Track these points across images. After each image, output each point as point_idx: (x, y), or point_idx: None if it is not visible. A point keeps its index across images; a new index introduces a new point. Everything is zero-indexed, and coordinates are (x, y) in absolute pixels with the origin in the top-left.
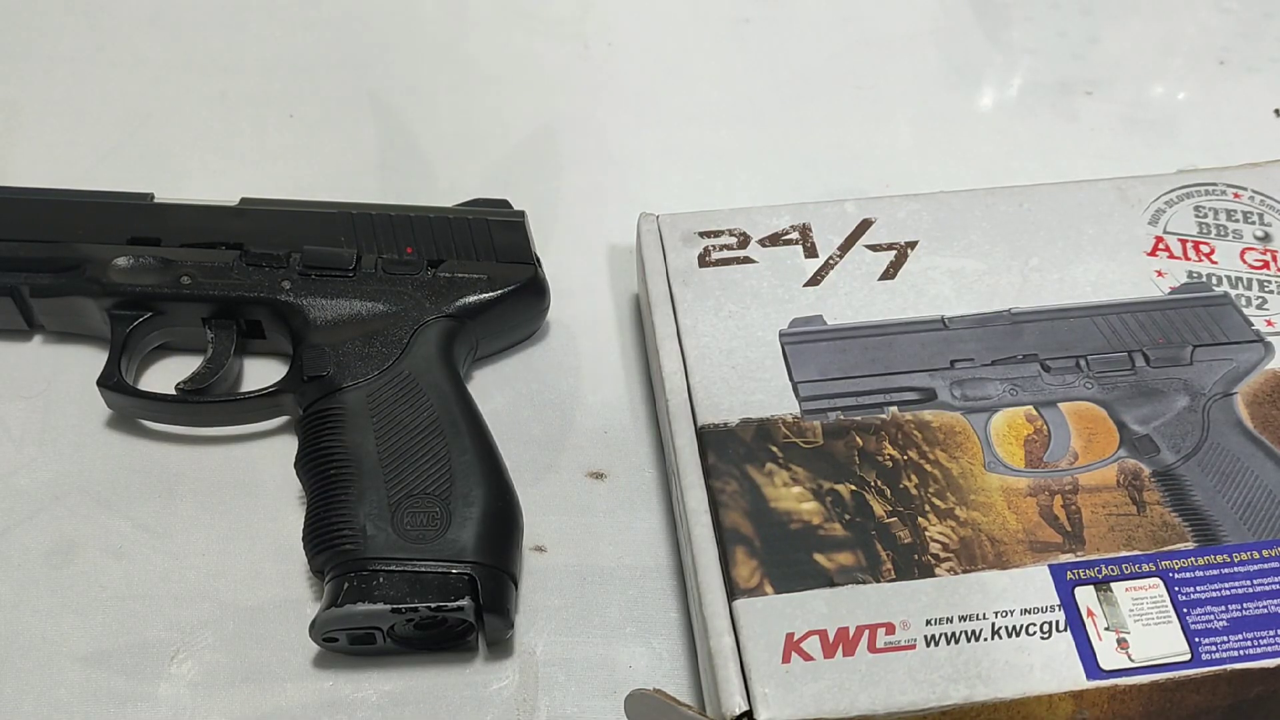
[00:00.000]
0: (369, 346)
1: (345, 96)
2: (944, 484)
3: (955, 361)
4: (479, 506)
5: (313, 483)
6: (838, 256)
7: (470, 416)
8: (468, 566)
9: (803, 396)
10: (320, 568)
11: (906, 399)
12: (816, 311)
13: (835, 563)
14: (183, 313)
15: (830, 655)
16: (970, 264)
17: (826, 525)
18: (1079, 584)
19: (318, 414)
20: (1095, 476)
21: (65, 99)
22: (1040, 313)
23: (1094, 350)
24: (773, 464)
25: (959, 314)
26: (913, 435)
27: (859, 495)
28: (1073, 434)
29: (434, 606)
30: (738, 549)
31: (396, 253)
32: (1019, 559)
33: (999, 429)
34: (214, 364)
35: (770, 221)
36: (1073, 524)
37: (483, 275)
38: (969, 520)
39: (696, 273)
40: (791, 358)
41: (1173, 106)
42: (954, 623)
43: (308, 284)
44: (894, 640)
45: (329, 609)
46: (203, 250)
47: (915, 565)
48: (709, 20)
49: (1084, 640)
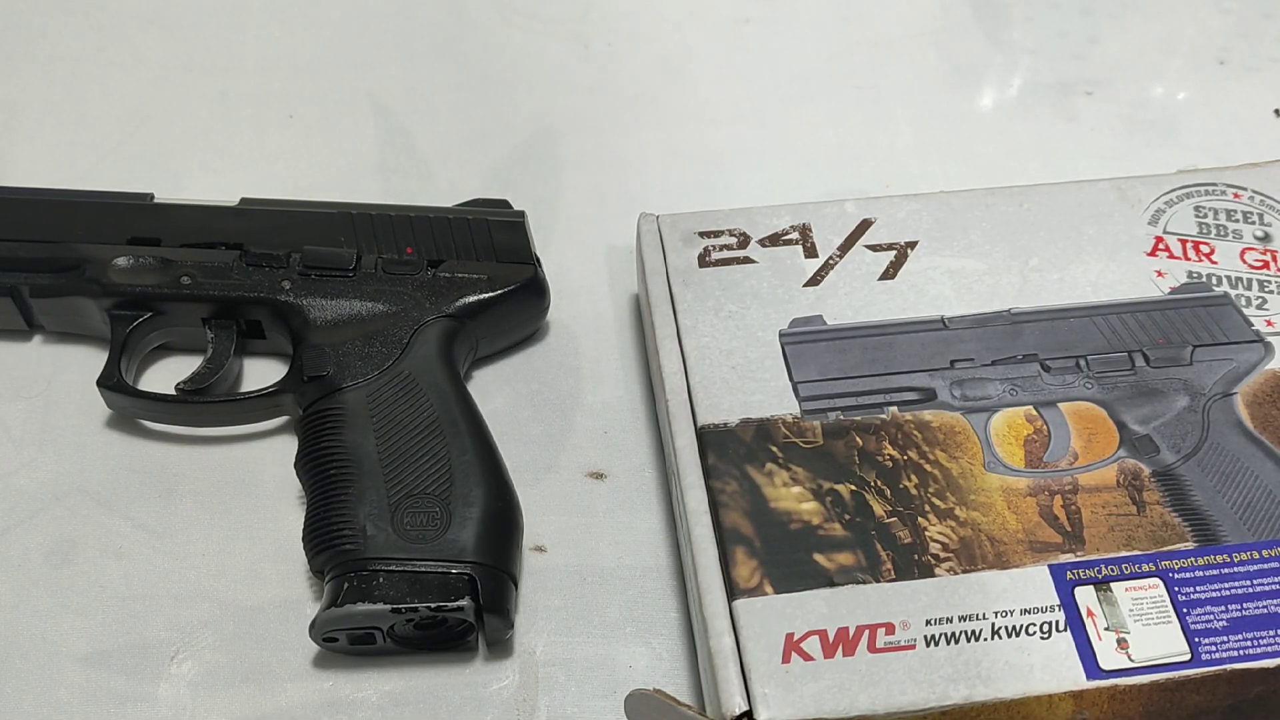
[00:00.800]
0: (369, 346)
1: (345, 96)
2: (944, 484)
3: (955, 361)
4: (479, 506)
5: (313, 483)
6: (838, 256)
7: (470, 416)
8: (467, 566)
9: (803, 396)
10: (320, 568)
11: (906, 399)
12: (816, 311)
13: (835, 563)
14: (183, 313)
15: (830, 655)
16: (970, 264)
17: (826, 525)
18: (1079, 584)
19: (318, 414)
20: (1095, 476)
21: (65, 99)
22: (1040, 313)
23: (1094, 350)
24: (773, 464)
25: (959, 314)
26: (913, 435)
27: (859, 495)
28: (1073, 434)
29: (434, 606)
30: (738, 549)
31: (396, 253)
32: (1019, 559)
33: (999, 429)
34: (214, 364)
35: (770, 221)
36: (1073, 524)
37: (483, 275)
38: (969, 520)
39: (696, 273)
40: (791, 358)
41: (1173, 106)
42: (954, 623)
43: (308, 284)
44: (894, 640)
45: (329, 609)
46: (203, 250)
47: (915, 565)
48: (709, 20)
49: (1084, 640)
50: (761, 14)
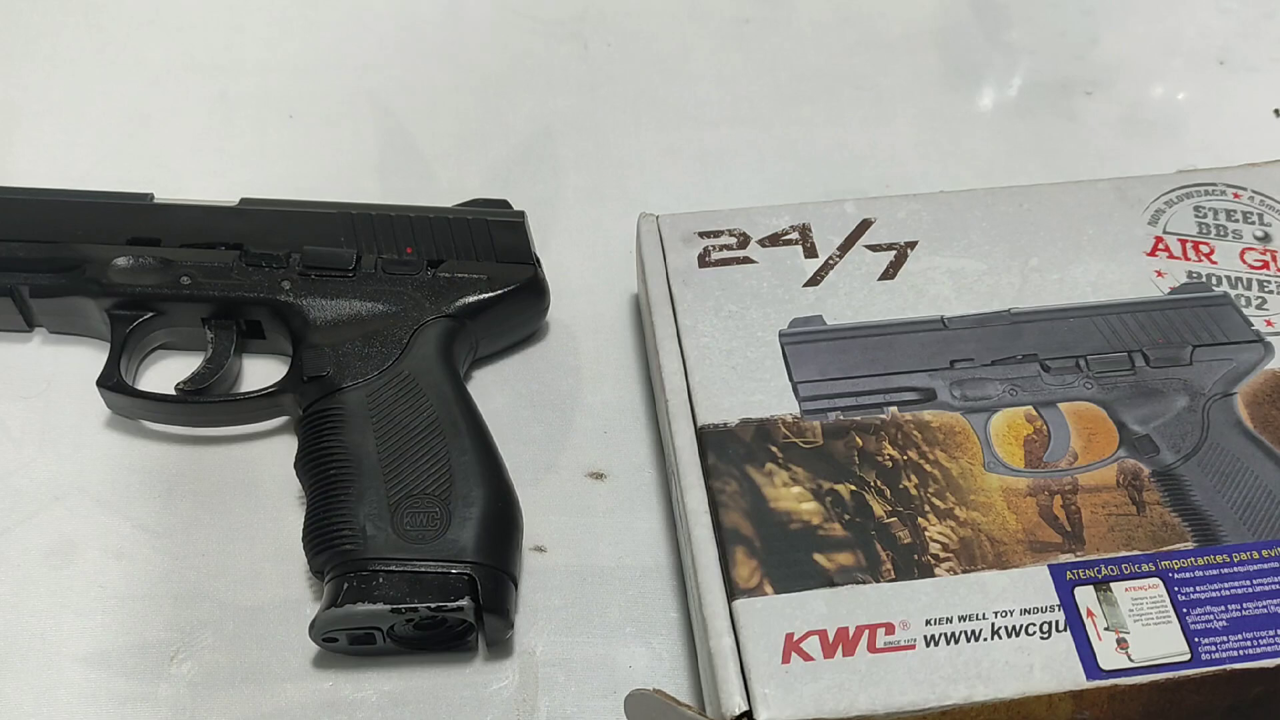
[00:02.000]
0: (369, 346)
1: (345, 96)
2: (944, 484)
3: (955, 361)
4: (479, 507)
5: (312, 483)
6: (837, 256)
7: (470, 416)
8: (467, 566)
9: (802, 396)
10: (320, 568)
11: (906, 399)
12: (816, 311)
13: (835, 563)
14: (182, 313)
15: (830, 655)
16: (970, 264)
17: (826, 525)
18: (1079, 584)
19: (318, 414)
20: (1095, 476)
21: (65, 99)
22: (1040, 313)
23: (1094, 350)
24: (772, 464)
25: (959, 314)
26: (912, 435)
27: (859, 495)
28: (1072, 434)
29: (434, 606)
30: (737, 549)
31: (396, 253)
32: (1019, 559)
33: (999, 429)
34: (214, 364)
35: (770, 221)
36: (1072, 524)
37: (482, 275)
38: (969, 520)
39: (696, 273)
40: (791, 358)
41: (1173, 106)
42: (954, 623)
43: (308, 284)
44: (894, 640)
45: (329, 609)
46: (202, 250)
47: (915, 565)
48: (709, 20)
49: (1084, 640)
50: (761, 14)
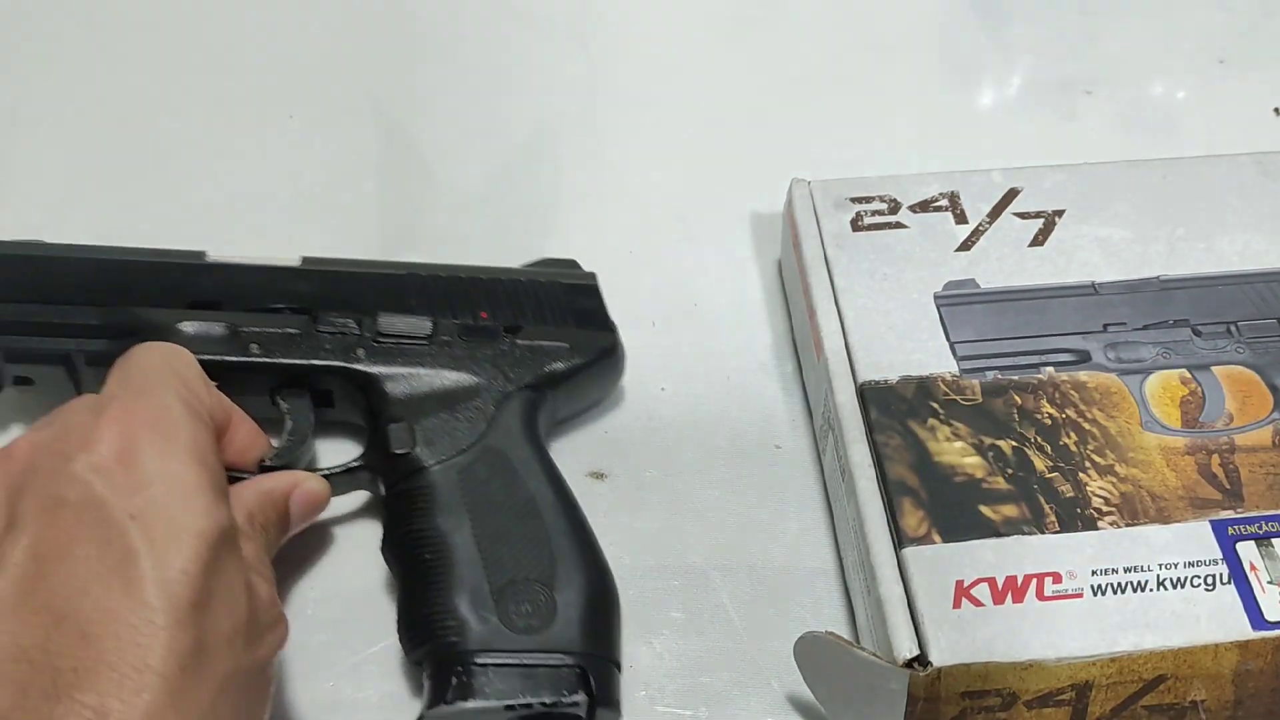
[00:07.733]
0: (453, 420)
1: (345, 96)
2: (1102, 441)
3: (1107, 325)
4: (583, 592)
5: (405, 568)
6: (987, 223)
7: (563, 493)
8: (578, 658)
9: (960, 356)
10: (419, 659)
11: (1061, 360)
12: (969, 275)
13: (1000, 514)
14: (250, 383)
15: (1000, 602)
16: (1117, 232)
17: (990, 479)
18: (1240, 539)
19: (404, 494)
20: (1251, 437)
21: (65, 99)
22: (1189, 280)
23: (1244, 316)
24: (934, 419)
25: (1109, 280)
26: (1070, 395)
27: (1020, 451)
28: (1227, 396)
29: (549, 703)
30: (904, 499)
31: (471, 317)
32: (1180, 514)
33: (1154, 390)
34: (296, 436)
35: (919, 189)
36: (1231, 482)
37: (564, 343)
38: (1129, 476)
39: (850, 236)
40: (948, 319)
41: (1172, 105)
42: (1119, 573)
43: (384, 352)
44: (1061, 589)
45: (435, 706)
46: (268, 315)
47: (1079, 519)
48: (709, 20)
49: (1248, 593)
50: (761, 14)
